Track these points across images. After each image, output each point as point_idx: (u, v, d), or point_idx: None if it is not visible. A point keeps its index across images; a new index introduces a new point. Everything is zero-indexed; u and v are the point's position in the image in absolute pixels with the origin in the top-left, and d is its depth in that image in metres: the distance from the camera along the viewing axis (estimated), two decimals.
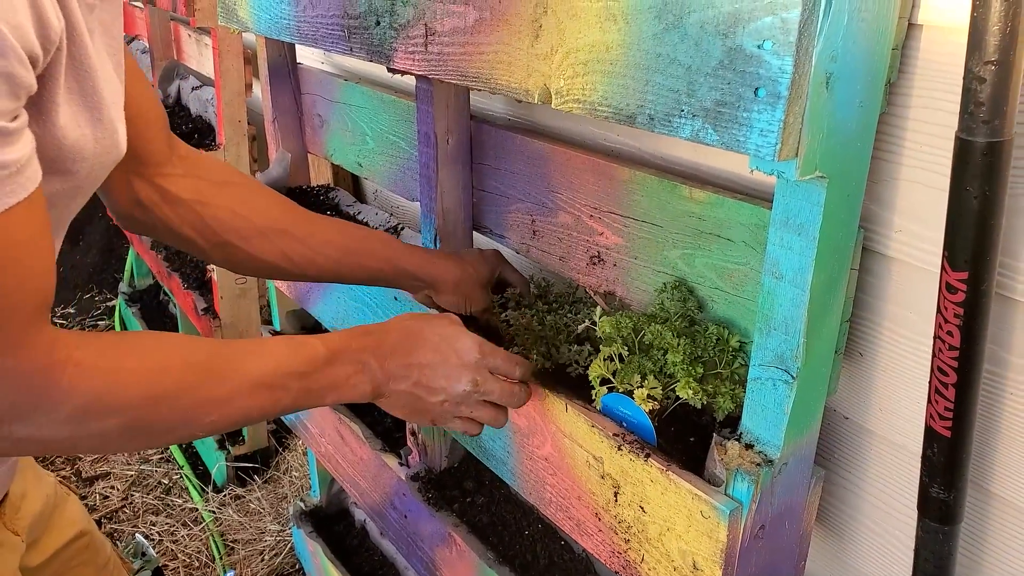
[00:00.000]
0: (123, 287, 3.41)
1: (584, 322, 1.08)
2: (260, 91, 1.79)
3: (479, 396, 0.94)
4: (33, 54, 0.59)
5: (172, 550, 2.31)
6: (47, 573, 1.06)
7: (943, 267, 0.76)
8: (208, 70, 2.51)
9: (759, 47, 0.65)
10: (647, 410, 0.92)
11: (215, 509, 2.43)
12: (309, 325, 1.93)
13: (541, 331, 1.09)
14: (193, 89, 2.64)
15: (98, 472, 2.60)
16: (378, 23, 1.09)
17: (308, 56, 1.94)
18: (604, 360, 0.98)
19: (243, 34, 2.18)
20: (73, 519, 1.12)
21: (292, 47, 1.71)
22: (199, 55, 2.64)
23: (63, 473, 2.61)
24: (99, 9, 0.73)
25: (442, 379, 0.92)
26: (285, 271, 1.10)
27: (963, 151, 0.70)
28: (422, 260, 1.15)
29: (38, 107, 0.65)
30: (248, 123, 2.29)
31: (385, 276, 1.14)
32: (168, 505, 2.47)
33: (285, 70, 1.72)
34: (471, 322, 1.21)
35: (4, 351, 0.64)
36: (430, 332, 0.94)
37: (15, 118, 0.60)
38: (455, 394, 0.93)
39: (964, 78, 0.68)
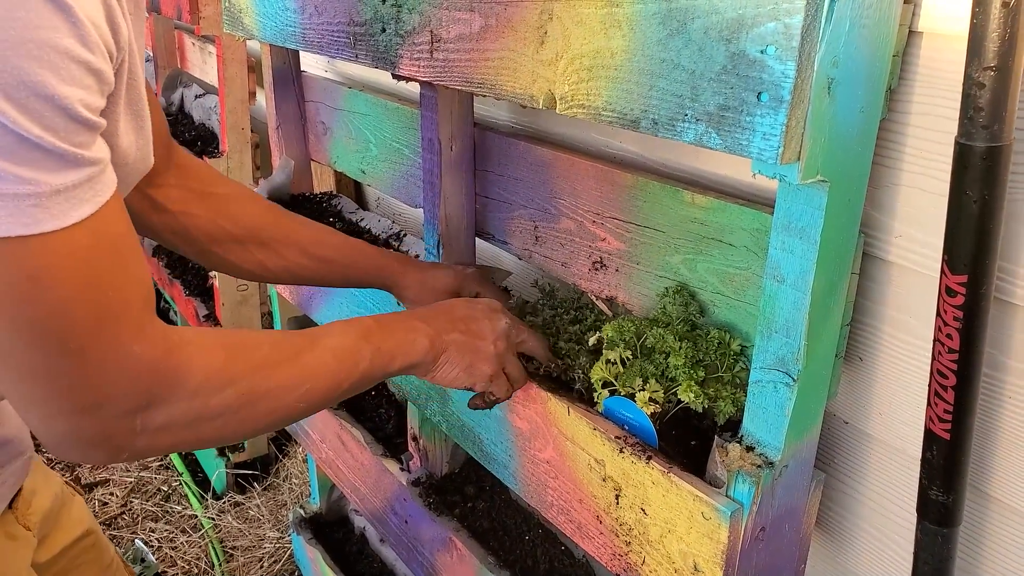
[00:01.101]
0: None
1: (595, 334, 1.09)
2: (263, 99, 1.80)
3: (516, 337, 1.02)
4: (111, 51, 0.61)
5: (171, 556, 2.30)
6: (55, 570, 1.06)
7: (943, 271, 0.77)
8: (212, 78, 2.53)
9: (762, 52, 0.66)
10: (649, 413, 0.93)
11: (214, 516, 2.43)
12: None
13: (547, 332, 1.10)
14: (196, 97, 2.65)
15: (97, 479, 2.60)
16: (383, 30, 1.10)
17: (312, 64, 1.95)
18: (606, 363, 0.99)
19: (247, 42, 2.20)
20: (80, 518, 1.13)
21: (296, 55, 1.72)
22: (203, 63, 2.66)
23: (68, 480, 2.61)
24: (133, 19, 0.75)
25: (485, 321, 1.00)
26: (263, 277, 1.16)
27: (963, 156, 0.71)
28: (391, 270, 1.20)
29: (110, 120, 0.67)
30: (251, 131, 2.31)
31: (359, 282, 1.21)
32: (167, 512, 2.47)
33: (289, 78, 1.73)
34: None
35: (132, 338, 0.66)
36: (455, 300, 1.05)
37: (101, 114, 0.61)
38: (501, 330, 1.00)
39: (964, 84, 0.70)
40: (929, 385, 0.82)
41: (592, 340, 1.07)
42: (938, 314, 0.78)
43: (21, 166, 0.56)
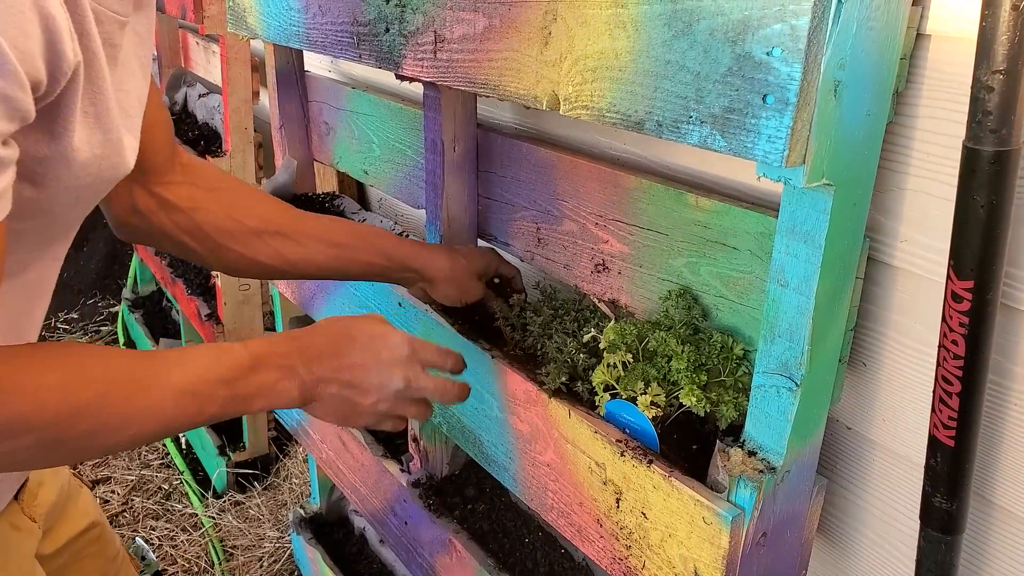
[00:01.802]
0: (126, 293, 3.41)
1: (590, 331, 1.08)
2: (267, 99, 1.80)
3: (412, 394, 0.93)
4: (36, 81, 0.59)
5: (171, 555, 2.30)
6: (59, 562, 1.06)
7: (949, 276, 0.76)
8: (215, 77, 2.53)
9: (768, 54, 0.65)
10: (650, 417, 0.92)
11: (215, 515, 2.43)
12: None
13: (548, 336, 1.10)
14: (200, 96, 2.65)
15: (99, 476, 2.59)
16: (387, 30, 1.10)
17: (315, 64, 1.95)
18: (607, 367, 0.98)
19: (250, 42, 2.20)
20: (86, 510, 1.13)
21: (300, 55, 1.72)
22: (207, 62, 2.66)
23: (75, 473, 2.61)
24: (133, 21, 0.75)
25: (375, 377, 0.90)
26: (282, 271, 1.12)
27: (970, 160, 0.71)
28: (415, 251, 1.18)
29: (53, 131, 0.65)
30: (255, 130, 2.30)
31: (381, 268, 1.17)
32: (168, 510, 2.47)
33: (293, 77, 1.73)
34: (467, 313, 1.24)
35: None
36: (358, 332, 0.92)
37: (5, 143, 0.59)
38: (389, 393, 0.91)
39: (972, 87, 0.69)
40: (934, 391, 0.81)
41: (587, 338, 1.07)
42: (944, 320, 0.78)
43: None
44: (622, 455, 0.93)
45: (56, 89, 0.62)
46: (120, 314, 3.45)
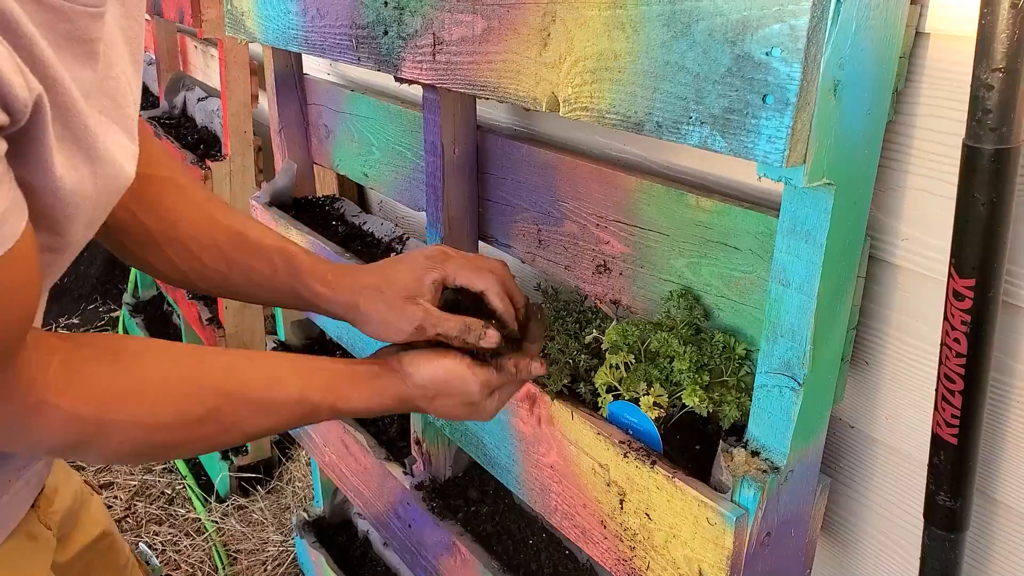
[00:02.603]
0: (127, 298, 3.41)
1: (592, 332, 1.08)
2: (266, 102, 1.80)
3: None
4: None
5: (175, 560, 2.30)
6: (73, 572, 1.05)
7: (950, 274, 0.76)
8: (214, 81, 2.53)
9: (767, 54, 0.65)
10: (653, 417, 0.92)
11: (218, 519, 2.43)
12: (314, 335, 1.94)
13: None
14: (199, 100, 2.66)
15: (101, 482, 2.59)
16: (386, 33, 1.10)
17: (314, 67, 1.95)
18: (610, 368, 0.98)
19: (249, 46, 2.20)
20: (97, 518, 1.12)
21: (299, 58, 1.72)
22: (205, 66, 2.66)
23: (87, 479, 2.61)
24: (112, 6, 0.71)
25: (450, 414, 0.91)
26: (179, 283, 0.99)
27: (971, 158, 0.71)
28: (326, 288, 0.95)
29: (32, 166, 0.62)
30: (253, 134, 2.31)
31: (286, 302, 0.99)
32: (171, 515, 2.46)
33: (292, 81, 1.73)
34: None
35: None
36: (440, 393, 0.90)
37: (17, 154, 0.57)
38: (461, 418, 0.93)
39: (972, 85, 0.69)
40: (936, 389, 0.81)
41: (588, 338, 1.07)
42: (945, 318, 0.78)
43: None
44: (625, 456, 0.93)
45: (20, 122, 0.59)
46: (121, 319, 3.45)
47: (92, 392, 0.68)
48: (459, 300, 0.94)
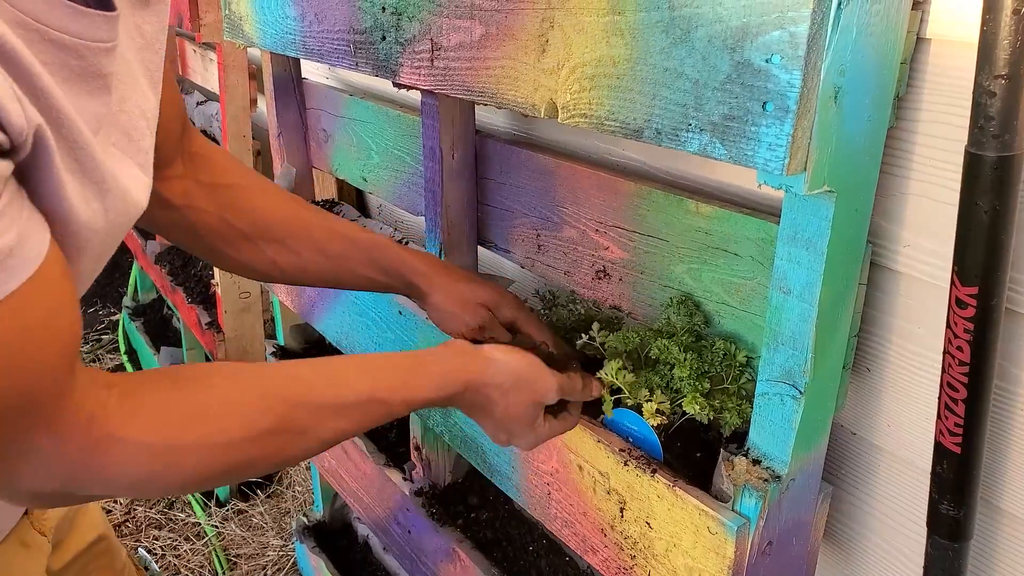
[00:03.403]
0: (127, 301, 3.41)
1: (582, 337, 1.07)
2: (265, 106, 1.79)
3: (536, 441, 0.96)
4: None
5: (175, 564, 2.29)
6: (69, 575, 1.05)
7: (953, 282, 0.75)
8: (213, 85, 2.52)
9: (767, 61, 0.65)
10: (655, 425, 0.91)
11: (218, 523, 2.42)
12: (314, 339, 1.93)
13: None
14: (198, 104, 2.65)
15: None
16: (384, 38, 1.09)
17: (313, 71, 1.94)
18: (617, 369, 0.96)
19: (248, 49, 2.19)
20: (94, 523, 1.11)
21: (297, 62, 1.71)
22: (204, 70, 2.65)
23: None
24: (138, 21, 0.70)
25: (517, 429, 0.93)
26: (274, 277, 1.07)
27: (973, 165, 0.70)
28: (413, 267, 1.09)
29: (44, 198, 0.61)
30: (252, 138, 2.30)
31: (378, 284, 1.11)
32: (171, 519, 2.46)
33: (290, 85, 1.72)
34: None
35: (39, 435, 0.60)
36: (496, 405, 0.91)
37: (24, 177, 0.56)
38: (527, 442, 0.95)
39: (974, 92, 0.68)
40: (939, 398, 0.80)
41: (580, 343, 1.05)
42: (948, 326, 0.77)
43: None
44: (626, 464, 0.92)
45: (21, 150, 0.58)
46: (121, 322, 3.44)
47: (157, 420, 0.66)
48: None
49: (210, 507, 2.48)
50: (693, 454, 0.97)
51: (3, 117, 0.54)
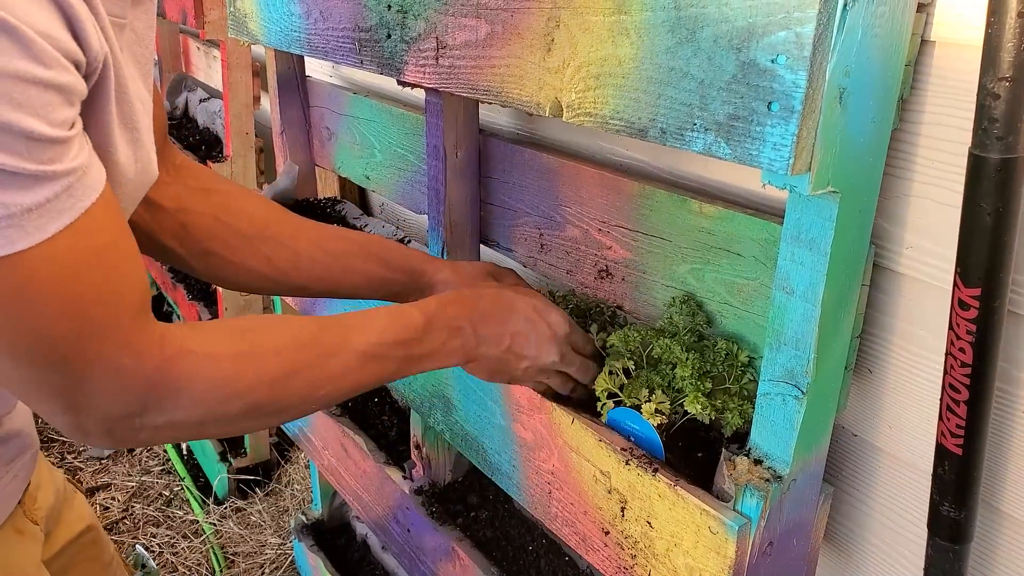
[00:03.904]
0: None
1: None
2: (268, 104, 1.79)
3: (561, 367, 0.99)
4: (77, 60, 0.60)
5: (172, 562, 2.29)
6: (56, 566, 1.05)
7: (955, 284, 0.75)
8: (216, 82, 2.53)
9: (773, 61, 0.65)
10: (655, 425, 0.91)
11: (216, 521, 2.42)
12: None
13: None
14: (201, 101, 2.65)
15: (99, 483, 2.59)
16: (389, 36, 1.09)
17: (317, 69, 1.95)
18: (610, 374, 0.98)
19: (251, 47, 2.19)
20: (81, 514, 1.12)
21: (301, 60, 1.72)
22: (207, 67, 2.66)
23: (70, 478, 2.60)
24: (131, 19, 0.73)
25: (533, 348, 0.97)
26: (273, 279, 1.06)
27: (976, 167, 0.70)
28: (416, 259, 1.12)
29: (98, 133, 0.66)
30: (256, 135, 2.30)
31: (384, 280, 1.10)
32: (169, 517, 2.46)
33: (294, 83, 1.72)
34: None
35: (119, 352, 0.66)
36: (522, 303, 0.99)
37: (72, 126, 0.60)
38: (541, 363, 0.98)
39: (978, 94, 0.68)
40: (941, 399, 0.81)
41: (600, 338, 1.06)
42: (951, 327, 0.77)
43: None
44: (627, 463, 0.92)
45: (92, 76, 0.62)
46: None
47: (217, 335, 0.76)
48: None
49: (208, 505, 2.48)
50: (694, 454, 0.97)
51: (85, 39, 0.60)
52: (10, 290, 0.59)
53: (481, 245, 1.36)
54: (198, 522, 2.43)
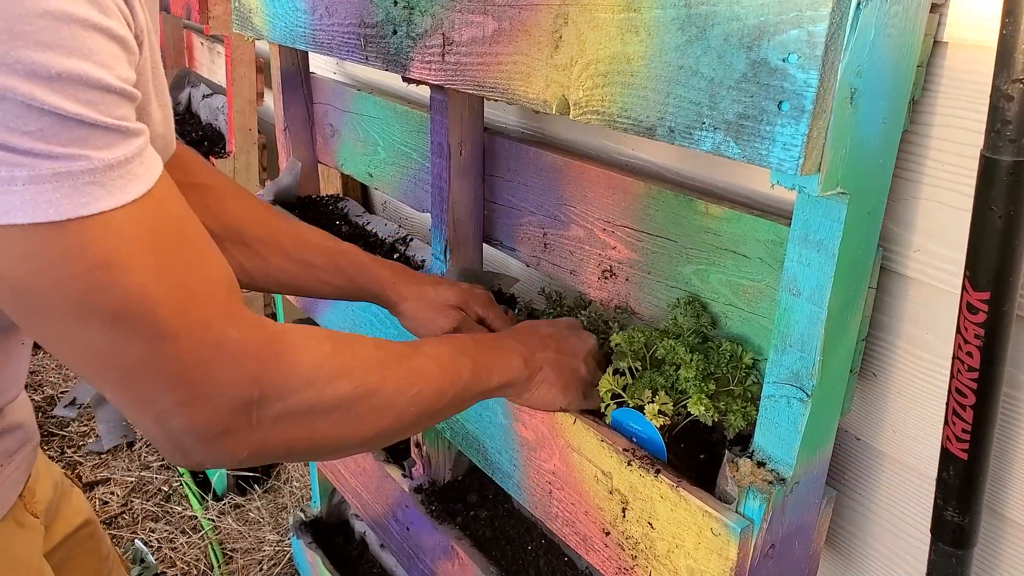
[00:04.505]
0: None
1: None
2: (271, 100, 1.79)
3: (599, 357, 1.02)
4: (130, 23, 0.59)
5: (171, 557, 2.29)
6: (55, 559, 1.05)
7: (964, 287, 0.75)
8: (220, 78, 2.52)
9: (784, 60, 0.64)
10: (658, 426, 0.91)
11: (214, 517, 2.41)
12: None
13: None
14: (204, 97, 2.65)
15: (98, 477, 2.58)
16: (395, 32, 1.08)
17: (321, 66, 1.94)
18: (614, 374, 0.97)
19: (255, 43, 2.19)
20: (79, 508, 1.12)
21: (305, 56, 1.71)
22: (211, 63, 2.65)
23: (67, 472, 2.59)
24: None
25: (575, 339, 1.00)
26: (242, 283, 1.05)
27: (988, 170, 0.70)
28: (380, 278, 1.11)
29: (143, 88, 0.65)
30: (259, 132, 2.30)
31: (345, 293, 1.11)
32: (168, 512, 2.45)
33: (298, 79, 1.72)
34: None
35: (226, 322, 0.63)
36: (534, 322, 1.03)
37: (135, 86, 0.59)
38: (591, 348, 1.01)
39: (991, 96, 0.68)
40: (947, 404, 0.80)
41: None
42: (958, 331, 0.77)
43: (68, 146, 0.53)
44: (629, 464, 0.92)
45: (140, 45, 0.61)
46: None
47: (320, 330, 0.75)
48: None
49: (207, 501, 2.48)
50: (697, 456, 0.96)
51: (134, 12, 0.60)
52: (97, 257, 0.56)
53: (484, 244, 1.35)
54: (197, 518, 2.43)
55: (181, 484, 2.57)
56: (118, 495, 2.51)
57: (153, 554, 2.28)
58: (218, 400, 0.63)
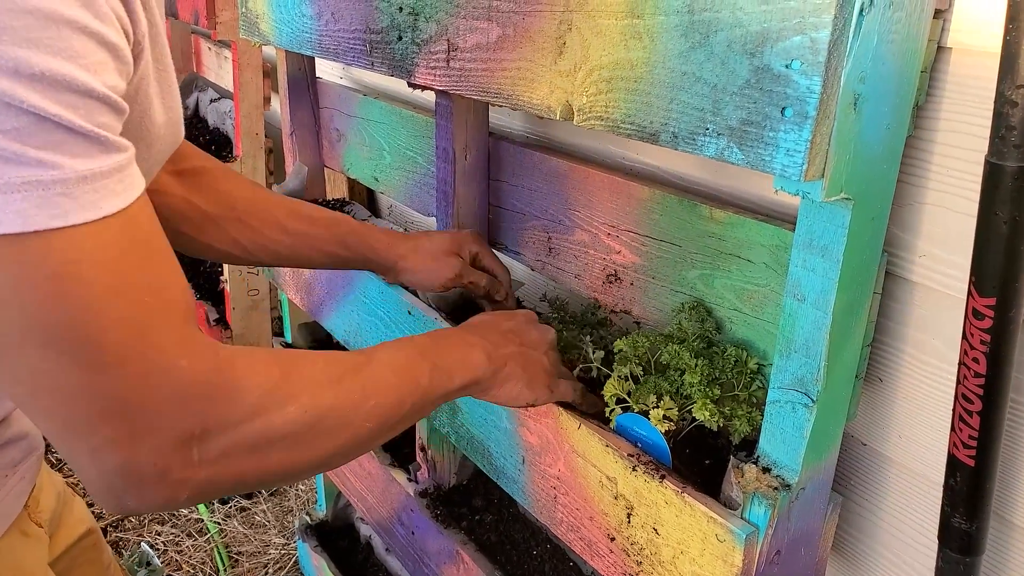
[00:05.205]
0: None
1: (592, 361, 1.06)
2: (278, 105, 1.79)
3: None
4: (128, 30, 0.58)
5: (176, 560, 2.29)
6: (58, 569, 1.05)
7: (970, 293, 0.75)
8: (227, 83, 2.53)
9: (787, 66, 0.64)
10: (663, 431, 0.91)
11: (220, 520, 2.42)
12: (321, 337, 1.93)
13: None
14: (211, 101, 2.66)
15: None
16: (400, 38, 1.09)
17: (327, 71, 1.95)
18: (619, 379, 0.97)
19: (262, 48, 2.19)
20: (81, 517, 1.12)
21: (312, 61, 1.72)
22: (218, 67, 2.66)
23: (69, 481, 2.60)
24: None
25: (534, 331, 0.98)
26: (236, 257, 1.08)
27: (993, 175, 0.69)
28: (374, 240, 1.13)
29: (142, 106, 0.65)
30: (265, 136, 2.30)
31: (341, 259, 1.13)
32: (174, 515, 2.46)
33: (304, 84, 1.72)
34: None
35: (177, 350, 0.60)
36: (494, 314, 1.01)
37: (126, 98, 0.58)
38: (551, 339, 0.99)
39: (995, 102, 0.68)
40: (953, 410, 0.80)
41: (598, 358, 1.05)
42: (964, 337, 0.76)
43: (43, 149, 0.51)
44: (634, 470, 0.92)
45: (139, 55, 0.60)
46: None
47: (268, 353, 0.72)
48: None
49: (213, 504, 2.48)
50: (702, 461, 0.96)
51: (134, 18, 0.59)
52: (53, 270, 0.53)
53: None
54: (203, 521, 2.43)
55: None
56: None
57: (159, 557, 2.28)
58: (159, 436, 0.60)
